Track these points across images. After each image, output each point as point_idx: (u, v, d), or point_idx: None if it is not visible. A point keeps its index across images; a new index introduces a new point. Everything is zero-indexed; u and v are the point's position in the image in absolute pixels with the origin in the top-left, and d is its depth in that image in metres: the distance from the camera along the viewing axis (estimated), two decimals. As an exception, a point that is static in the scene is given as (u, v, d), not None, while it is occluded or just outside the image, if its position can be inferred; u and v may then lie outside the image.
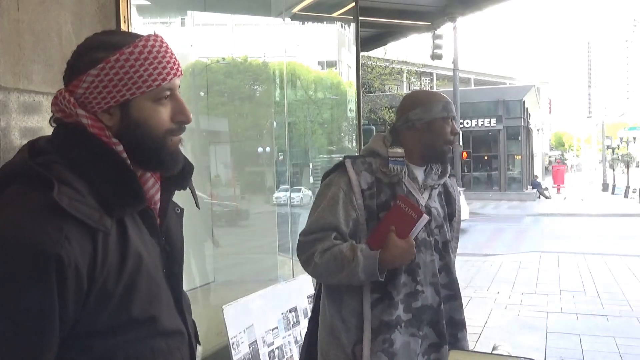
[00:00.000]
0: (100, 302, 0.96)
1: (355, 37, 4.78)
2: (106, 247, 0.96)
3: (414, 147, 1.87)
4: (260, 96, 6.93)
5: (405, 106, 1.91)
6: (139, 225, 1.08)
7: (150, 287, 1.05)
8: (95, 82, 1.01)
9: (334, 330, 1.81)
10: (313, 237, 1.76)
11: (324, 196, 1.82)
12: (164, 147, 1.08)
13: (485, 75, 50.21)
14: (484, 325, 5.79)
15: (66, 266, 0.90)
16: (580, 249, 11.18)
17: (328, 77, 15.16)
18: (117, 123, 1.05)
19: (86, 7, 1.92)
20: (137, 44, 1.03)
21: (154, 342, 1.06)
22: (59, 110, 1.05)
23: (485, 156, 30.58)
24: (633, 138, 45.30)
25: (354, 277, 1.71)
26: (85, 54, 1.04)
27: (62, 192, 0.93)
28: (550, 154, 69.93)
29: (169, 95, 1.08)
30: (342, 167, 1.84)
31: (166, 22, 6.06)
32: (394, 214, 1.77)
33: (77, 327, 0.96)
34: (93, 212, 0.95)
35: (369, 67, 26.34)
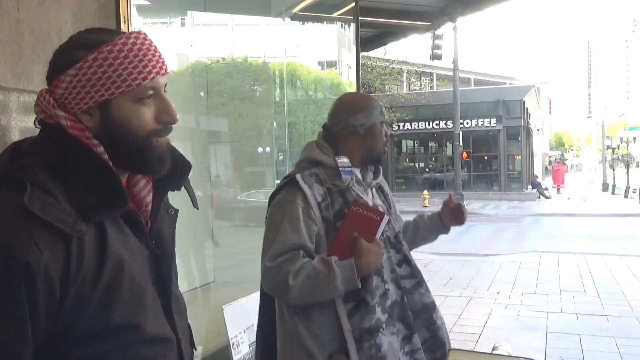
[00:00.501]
0: (77, 308, 0.93)
1: (355, 37, 4.78)
2: (82, 253, 0.93)
3: (355, 151, 1.89)
4: (260, 96, 6.93)
5: (343, 111, 1.91)
6: (123, 229, 1.03)
7: (134, 293, 1.01)
8: (73, 82, 0.99)
9: (305, 347, 1.74)
10: (281, 260, 1.70)
11: (282, 216, 1.75)
12: (147, 149, 1.04)
13: (485, 75, 50.20)
14: (484, 325, 5.79)
15: (35, 272, 0.87)
16: (580, 249, 11.17)
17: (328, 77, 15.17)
18: (97, 124, 1.01)
19: (86, 7, 1.92)
20: (116, 42, 0.99)
21: (138, 349, 1.02)
22: (41, 111, 1.03)
23: (485, 156, 30.57)
24: (633, 138, 45.32)
25: (333, 290, 1.69)
26: (65, 53, 1.02)
27: (34, 196, 0.90)
28: (550, 154, 69.95)
29: (153, 94, 1.04)
30: (293, 183, 1.79)
31: (166, 22, 6.06)
32: (353, 220, 1.78)
33: (54, 334, 0.93)
34: (67, 216, 0.92)
35: (369, 67, 26.35)
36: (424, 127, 30.51)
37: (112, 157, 1.01)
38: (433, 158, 32.87)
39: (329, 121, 1.94)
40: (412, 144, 33.23)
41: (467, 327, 5.77)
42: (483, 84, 43.78)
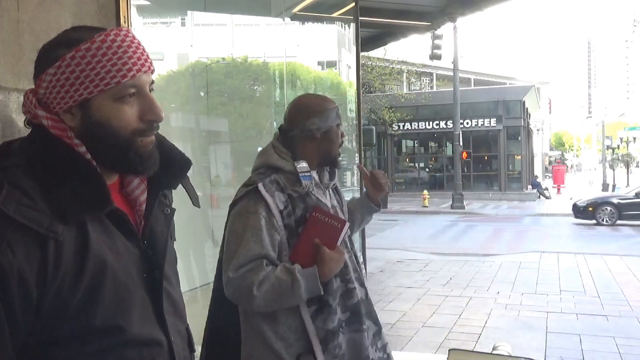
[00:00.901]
0: (57, 309, 0.92)
1: (355, 37, 4.78)
2: (59, 254, 0.91)
3: (312, 155, 1.89)
4: (260, 96, 6.93)
5: (299, 115, 1.89)
6: (108, 229, 1.00)
7: (118, 294, 0.98)
8: (53, 82, 0.97)
9: (273, 349, 1.77)
10: (244, 271, 1.70)
11: (244, 226, 1.74)
12: (131, 149, 1.01)
13: (485, 75, 50.19)
14: (484, 325, 5.80)
15: (8, 273, 0.85)
16: (580, 249, 11.18)
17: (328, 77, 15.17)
18: (79, 124, 0.99)
19: (86, 7, 1.92)
20: (95, 39, 0.97)
21: (124, 352, 1.00)
22: (27, 112, 1.01)
23: (485, 156, 30.57)
24: (633, 138, 45.31)
25: (297, 298, 1.72)
26: (47, 51, 1.00)
27: (10, 197, 0.88)
28: (550, 154, 69.93)
29: (135, 93, 1.01)
30: (254, 192, 1.77)
31: (166, 22, 6.06)
32: (313, 227, 1.79)
33: (34, 336, 0.92)
34: (42, 217, 0.90)
35: (369, 67, 26.35)
36: (424, 127, 30.51)
37: (96, 157, 1.00)
38: (433, 158, 32.87)
39: (286, 124, 1.93)
40: (412, 144, 33.23)
41: (467, 327, 5.77)
42: (483, 84, 43.77)
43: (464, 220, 18.67)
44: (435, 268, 9.13)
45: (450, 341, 5.27)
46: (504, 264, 9.38)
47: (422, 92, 30.14)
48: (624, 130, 45.79)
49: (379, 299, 6.88)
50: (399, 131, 29.85)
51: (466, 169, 28.86)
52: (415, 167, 32.56)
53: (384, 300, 6.93)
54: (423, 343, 5.27)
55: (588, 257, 9.96)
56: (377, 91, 29.18)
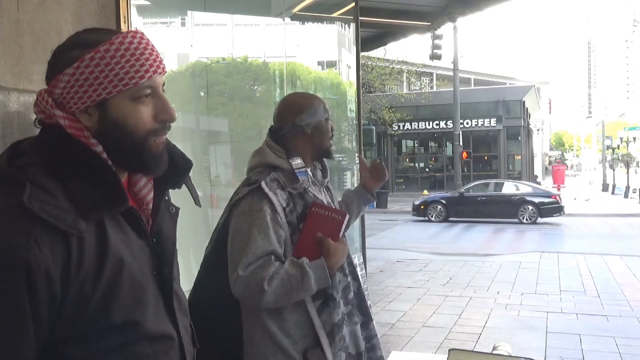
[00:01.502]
0: (77, 307, 0.93)
1: (355, 37, 4.78)
2: (81, 251, 0.93)
3: (306, 150, 1.94)
4: (260, 96, 6.93)
5: (288, 112, 1.94)
6: (123, 227, 1.03)
7: (134, 291, 1.01)
8: (71, 82, 0.99)
9: (280, 346, 1.79)
10: (253, 268, 1.72)
11: (250, 224, 1.76)
12: (145, 148, 1.04)
13: (485, 75, 50.21)
14: (484, 325, 5.79)
15: (35, 271, 0.87)
16: (580, 249, 11.18)
17: (328, 77, 15.15)
18: (95, 123, 1.01)
19: (86, 7, 1.92)
20: (113, 41, 0.99)
21: (139, 347, 1.02)
22: (40, 111, 1.03)
23: (485, 156, 30.60)
24: (633, 138, 45.33)
25: (307, 291, 1.75)
26: (62, 52, 1.02)
27: (34, 195, 0.90)
28: (550, 154, 69.93)
29: (150, 93, 1.04)
30: (258, 190, 1.80)
31: (166, 22, 6.06)
32: (314, 221, 1.83)
33: (55, 333, 0.93)
34: (66, 215, 0.91)
35: (369, 67, 26.34)
36: (424, 127, 30.53)
37: (111, 156, 1.01)
38: (433, 158, 32.89)
39: (275, 123, 1.97)
40: (412, 144, 33.25)
41: (467, 327, 5.77)
42: (483, 84, 43.80)
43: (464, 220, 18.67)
44: (435, 268, 9.13)
45: (450, 341, 5.27)
46: (504, 264, 9.38)
47: (422, 92, 30.13)
48: (624, 130, 45.78)
49: (379, 299, 6.88)
50: (399, 131, 29.86)
51: (466, 169, 28.88)
52: (415, 167, 32.56)
53: (384, 300, 6.93)
54: (423, 343, 5.27)
55: (588, 257, 9.96)
56: (377, 91, 29.17)
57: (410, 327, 5.76)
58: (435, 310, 6.44)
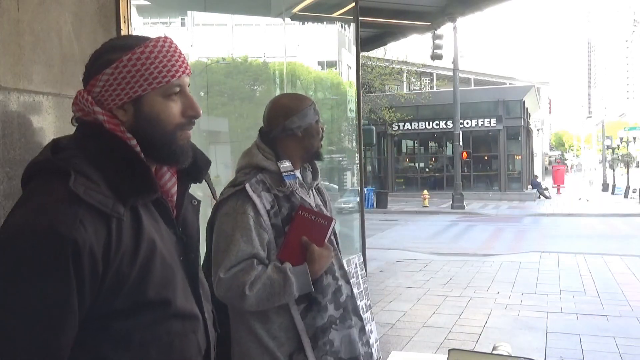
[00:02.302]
0: (116, 284, 1.03)
1: (355, 37, 4.78)
2: (120, 233, 1.03)
3: (295, 153, 1.93)
4: (260, 96, 6.94)
5: (278, 115, 1.92)
6: (154, 215, 1.14)
7: (165, 272, 1.11)
8: (110, 81, 1.10)
9: (266, 348, 1.79)
10: (235, 271, 1.72)
11: (233, 227, 1.76)
12: (174, 140, 1.16)
13: (485, 75, 50.20)
14: (484, 325, 5.79)
15: (81, 248, 0.97)
16: (580, 249, 11.17)
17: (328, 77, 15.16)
18: (131, 118, 1.13)
19: (86, 7, 1.92)
20: (147, 44, 1.12)
21: (170, 325, 1.12)
22: (79, 110, 1.14)
23: (485, 156, 30.58)
24: (633, 138, 45.33)
25: (289, 296, 1.75)
26: (100, 56, 1.13)
27: (78, 182, 1.01)
28: (550, 154, 69.92)
29: (179, 91, 1.16)
30: (242, 193, 1.79)
31: (166, 22, 6.06)
32: (300, 225, 1.82)
33: (95, 308, 1.02)
34: (107, 199, 1.03)
35: (369, 67, 26.34)
36: (424, 127, 30.51)
37: (143, 149, 1.13)
38: (433, 158, 32.88)
39: (265, 125, 1.96)
40: (412, 144, 33.23)
41: (467, 327, 5.77)
42: (483, 84, 43.79)
43: (464, 220, 18.67)
44: (435, 268, 9.13)
45: (450, 341, 5.27)
46: (504, 264, 9.38)
47: (422, 92, 30.13)
48: (624, 130, 45.77)
49: (379, 299, 6.88)
50: (399, 131, 29.84)
51: (466, 169, 28.87)
52: (415, 167, 32.57)
53: (384, 300, 6.93)
54: (423, 343, 5.27)
55: (588, 257, 9.95)
56: (377, 91, 29.16)
57: (410, 327, 5.76)
58: (435, 310, 6.44)
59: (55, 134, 1.74)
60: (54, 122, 1.73)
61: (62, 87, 1.77)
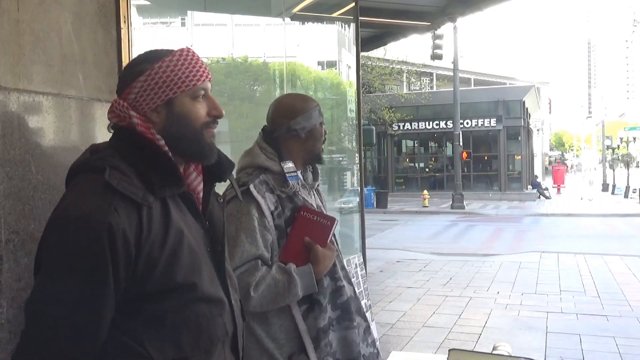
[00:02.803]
0: (148, 266, 1.14)
1: (355, 37, 4.78)
2: (150, 220, 1.15)
3: (298, 154, 1.93)
4: (260, 96, 6.94)
5: (282, 115, 1.91)
6: (182, 208, 1.27)
7: (192, 258, 1.22)
8: (144, 87, 1.25)
9: (265, 349, 1.79)
10: (240, 272, 1.72)
11: (238, 228, 1.76)
12: (201, 138, 1.29)
13: (485, 76, 50.19)
14: (484, 325, 5.79)
15: (115, 232, 1.09)
16: (580, 249, 11.17)
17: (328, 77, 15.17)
18: (163, 119, 1.26)
19: (86, 7, 1.92)
20: (174, 54, 1.27)
21: (197, 307, 1.23)
22: (115, 116, 1.27)
23: (485, 156, 30.57)
24: (633, 138, 45.32)
25: (294, 297, 1.76)
26: (132, 67, 1.29)
27: (112, 175, 1.14)
28: (550, 154, 69.92)
29: (204, 94, 1.30)
30: (246, 193, 1.78)
31: (166, 22, 6.05)
32: (302, 225, 1.82)
33: (129, 291, 1.14)
34: (138, 190, 1.16)
35: (369, 67, 26.34)
36: (424, 127, 30.51)
37: (174, 148, 1.26)
38: (433, 158, 32.87)
39: (269, 125, 1.95)
40: (412, 144, 33.22)
41: (467, 327, 5.77)
42: (483, 84, 43.78)
43: (464, 220, 18.67)
44: (435, 268, 9.12)
45: (450, 341, 5.27)
46: (504, 264, 9.38)
47: (422, 92, 30.13)
48: (624, 130, 45.75)
49: (379, 299, 6.88)
50: (399, 131, 29.84)
51: (466, 169, 28.86)
52: (415, 167, 32.56)
53: (384, 300, 6.93)
54: (423, 343, 5.27)
55: (588, 257, 9.95)
56: (377, 91, 29.16)
57: (410, 327, 5.76)
58: (435, 310, 6.44)
59: (55, 133, 1.74)
60: (54, 122, 1.73)
61: (62, 87, 1.77)
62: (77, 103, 1.84)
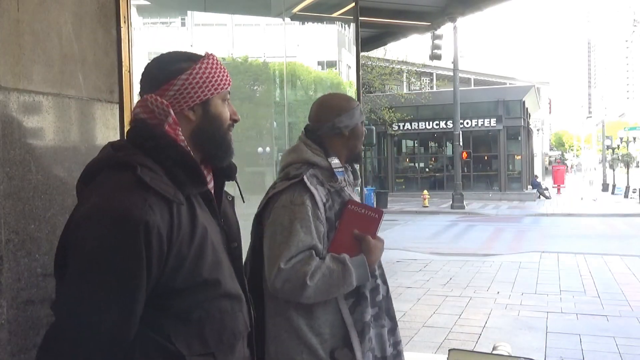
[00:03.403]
0: (177, 263, 1.17)
1: (355, 37, 4.78)
2: (180, 217, 1.18)
3: (341, 152, 1.96)
4: (260, 96, 6.93)
5: (328, 113, 1.95)
6: (202, 206, 1.29)
7: (215, 255, 1.26)
8: (185, 85, 1.28)
9: (308, 345, 1.77)
10: (295, 261, 1.72)
11: (292, 218, 1.76)
12: (228, 139, 1.36)
13: (485, 75, 50.16)
14: (484, 325, 5.79)
15: (151, 229, 1.10)
16: (580, 249, 11.18)
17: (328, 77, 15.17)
18: (199, 118, 1.31)
19: (86, 7, 1.92)
20: (208, 57, 1.33)
21: (220, 303, 1.26)
22: (147, 112, 1.28)
23: (485, 156, 30.57)
24: (633, 138, 45.31)
25: (348, 287, 1.76)
26: (169, 64, 1.30)
27: (144, 172, 1.16)
28: (550, 154, 69.93)
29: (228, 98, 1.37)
30: (300, 184, 1.81)
31: (166, 22, 6.05)
32: (350, 219, 1.85)
33: (159, 286, 1.15)
34: (169, 188, 1.18)
35: (369, 67, 26.35)
36: (424, 127, 30.51)
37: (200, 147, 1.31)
38: (433, 158, 32.87)
39: (313, 123, 1.98)
40: (412, 144, 33.22)
41: (467, 327, 5.77)
42: (483, 84, 43.77)
43: (464, 220, 18.67)
44: (435, 268, 9.12)
45: (450, 341, 5.27)
46: (504, 264, 9.38)
47: (422, 92, 30.13)
48: (624, 130, 45.74)
49: (379, 299, 6.87)
50: (399, 131, 29.84)
51: (466, 169, 28.85)
52: (415, 167, 32.56)
53: (384, 300, 6.93)
54: (423, 343, 5.27)
55: (588, 257, 9.95)
56: (377, 91, 29.16)
57: (410, 327, 5.76)
58: (435, 310, 6.44)
59: (55, 133, 1.74)
60: (53, 122, 1.73)
61: (62, 87, 1.77)
62: (77, 103, 1.84)
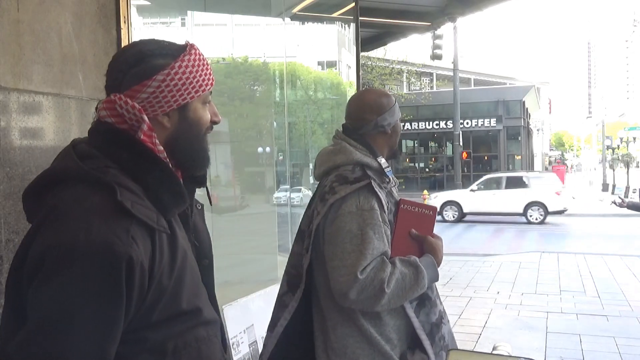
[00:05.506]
0: (156, 296, 1.02)
1: (355, 37, 4.78)
2: (162, 246, 1.02)
3: (383, 149, 1.89)
4: (260, 96, 6.93)
5: (370, 111, 1.86)
6: (179, 224, 1.13)
7: (193, 280, 1.12)
8: (161, 87, 1.06)
9: (384, 353, 1.71)
10: (371, 269, 1.64)
11: (362, 224, 1.67)
12: (205, 146, 1.18)
13: (485, 76, 50.19)
14: (484, 325, 5.79)
15: (134, 264, 0.95)
16: (580, 249, 11.18)
17: (328, 77, 15.16)
18: (175, 125, 1.11)
19: (86, 7, 1.92)
20: (190, 52, 1.11)
21: (197, 331, 1.12)
22: (116, 115, 1.07)
23: (485, 156, 30.60)
24: (633, 138, 45.23)
25: (420, 290, 1.71)
26: (143, 60, 1.07)
27: (124, 195, 0.98)
28: (550, 154, 69.88)
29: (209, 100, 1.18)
30: (366, 188, 1.72)
31: (166, 22, 6.06)
32: (406, 218, 1.79)
33: (134, 321, 1.01)
34: (151, 213, 1.01)
35: (369, 67, 26.33)
36: (424, 127, 30.53)
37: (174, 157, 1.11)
38: (433, 158, 32.89)
39: (352, 121, 1.89)
40: (412, 144, 33.24)
41: (467, 327, 5.77)
42: (483, 84, 43.79)
43: (464, 220, 18.67)
44: (435, 268, 9.11)
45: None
46: (504, 264, 9.38)
47: (422, 92, 30.13)
48: (624, 130, 45.74)
49: (379, 299, 6.87)
50: (399, 131, 29.84)
51: (466, 169, 28.87)
52: (415, 167, 32.56)
53: (384, 300, 6.93)
54: (423, 343, 5.27)
55: (588, 257, 9.95)
56: (377, 91, 29.09)
57: (410, 327, 5.75)
58: (435, 310, 6.43)
59: (55, 133, 1.74)
60: (53, 122, 1.73)
61: (62, 87, 1.77)
62: (77, 103, 1.84)
